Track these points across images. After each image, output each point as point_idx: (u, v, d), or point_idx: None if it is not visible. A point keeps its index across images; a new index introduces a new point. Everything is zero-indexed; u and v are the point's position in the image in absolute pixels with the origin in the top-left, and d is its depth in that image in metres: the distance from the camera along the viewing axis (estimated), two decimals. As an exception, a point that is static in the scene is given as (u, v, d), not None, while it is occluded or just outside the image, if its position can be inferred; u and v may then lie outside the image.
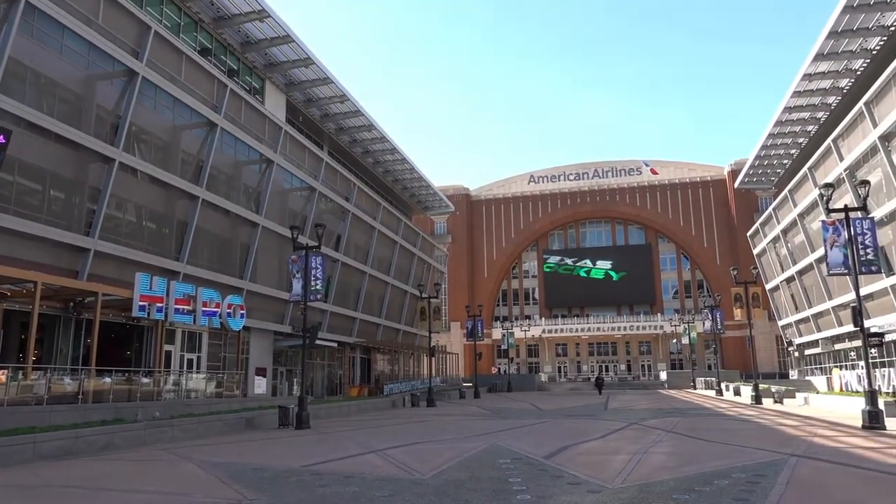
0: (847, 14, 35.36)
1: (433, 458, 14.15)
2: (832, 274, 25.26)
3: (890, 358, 40.83)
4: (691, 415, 27.63)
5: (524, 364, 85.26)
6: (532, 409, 34.47)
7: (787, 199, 53.72)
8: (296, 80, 40.76)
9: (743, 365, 68.42)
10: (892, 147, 35.96)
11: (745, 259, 68.46)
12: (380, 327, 51.06)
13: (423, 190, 64.02)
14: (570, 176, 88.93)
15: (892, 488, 10.04)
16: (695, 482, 10.48)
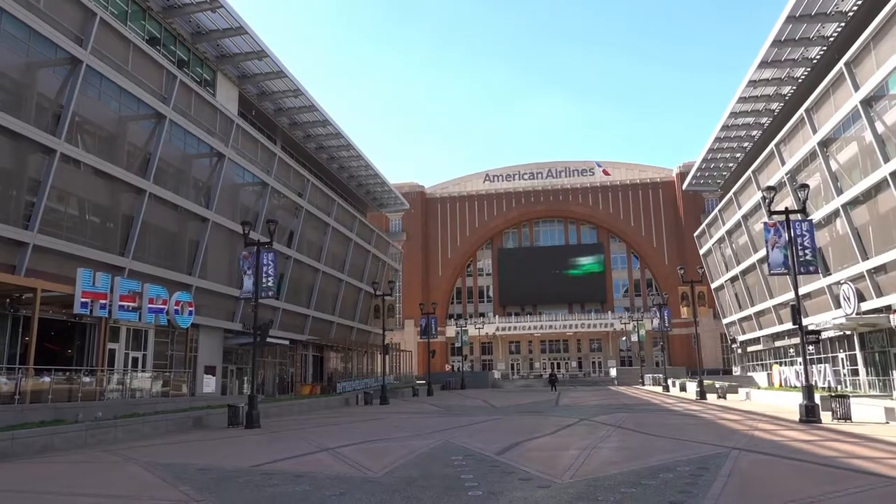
0: (790, 24, 36.70)
1: (385, 455, 14.12)
2: (773, 274, 26.25)
3: (826, 354, 42.66)
4: (639, 410, 28.29)
5: (478, 361, 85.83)
6: (485, 405, 34.72)
7: (732, 201, 55.49)
8: (249, 73, 40.00)
9: (689, 361, 70.35)
10: (829, 153, 37.52)
11: (692, 259, 70.42)
12: (333, 325, 50.61)
13: (379, 187, 63.71)
14: (524, 175, 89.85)
15: (825, 479, 10.50)
16: (641, 476, 10.75)
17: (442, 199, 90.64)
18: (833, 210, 37.33)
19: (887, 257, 32.57)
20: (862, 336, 38.16)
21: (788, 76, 43.43)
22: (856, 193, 34.87)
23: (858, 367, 38.54)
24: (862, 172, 34.32)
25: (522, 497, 9.26)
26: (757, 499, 8.89)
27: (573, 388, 60.33)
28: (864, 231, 35.06)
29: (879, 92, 31.69)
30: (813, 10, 35.39)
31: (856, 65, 33.30)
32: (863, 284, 35.17)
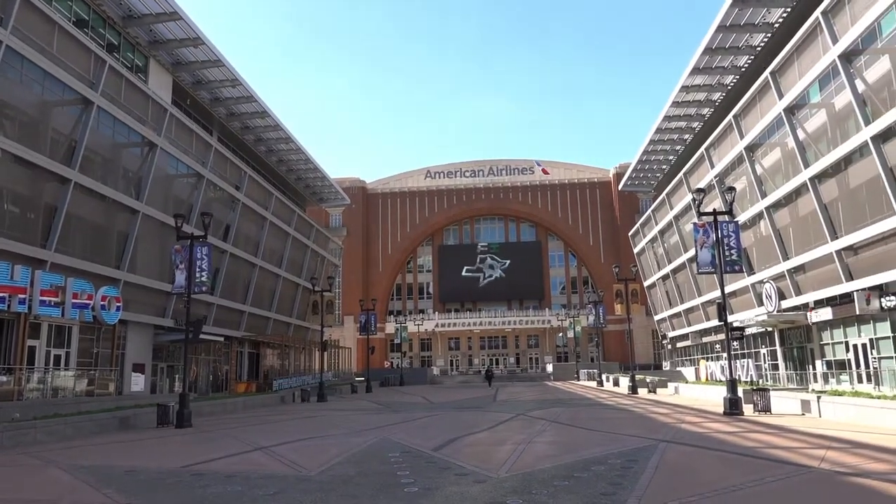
0: (721, 33, 38.21)
1: (321, 454, 13.95)
2: (701, 272, 27.30)
3: (749, 350, 44.74)
4: (573, 405, 28.93)
5: (417, 358, 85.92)
6: (423, 402, 34.79)
7: (665, 202, 57.43)
8: (184, 61, 38.65)
9: (622, 357, 72.48)
10: (755, 157, 39.31)
11: (626, 257, 72.54)
12: (270, 321, 49.64)
13: (319, 181, 62.77)
14: (465, 173, 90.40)
15: (747, 468, 11.00)
16: (574, 469, 10.99)
17: (383, 195, 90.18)
18: (757, 212, 39.14)
19: (806, 258, 34.39)
20: (782, 332, 40.20)
21: (719, 83, 45.21)
22: (778, 197, 36.66)
23: (778, 362, 40.59)
24: (784, 177, 36.11)
25: (458, 492, 9.32)
26: (682, 489, 9.23)
27: (511, 383, 61.15)
28: (786, 233, 36.92)
29: (801, 101, 33.39)
30: (742, 21, 36.94)
31: (780, 74, 34.98)
32: (783, 283, 37.04)
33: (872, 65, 28.02)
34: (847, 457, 11.67)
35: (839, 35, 28.90)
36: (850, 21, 28.19)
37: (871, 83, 27.97)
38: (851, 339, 32.35)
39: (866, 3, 26.99)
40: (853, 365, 31.99)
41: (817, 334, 35.64)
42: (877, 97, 27.58)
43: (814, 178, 32.38)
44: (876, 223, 27.89)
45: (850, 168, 30.07)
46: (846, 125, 29.91)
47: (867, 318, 30.45)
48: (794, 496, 8.88)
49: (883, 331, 29.80)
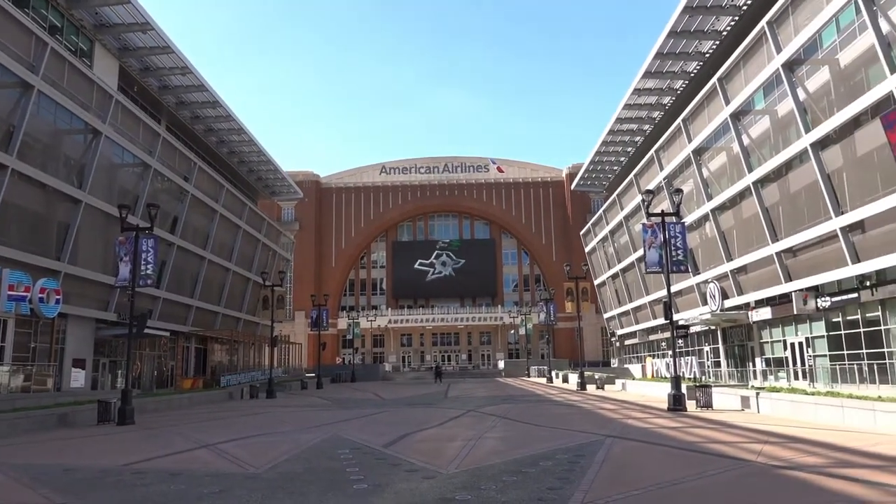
0: (672, 38, 39.18)
1: (269, 451, 13.75)
2: (649, 272, 28.00)
3: (693, 348, 46.09)
4: (523, 401, 29.29)
5: (369, 354, 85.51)
6: (374, 398, 34.66)
7: (616, 203, 58.59)
8: (131, 46, 37.41)
9: (572, 354, 73.62)
10: (702, 161, 40.47)
11: (577, 256, 73.73)
12: (218, 316, 48.59)
13: (271, 174, 61.71)
14: (420, 169, 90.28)
15: (688, 462, 11.35)
16: (522, 464, 11.13)
17: (337, 190, 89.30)
18: (703, 214, 40.31)
19: (748, 259, 35.61)
20: (725, 331, 41.55)
21: (669, 87, 46.36)
22: (723, 199, 37.84)
23: (721, 360, 41.95)
24: (729, 180, 37.30)
25: (408, 489, 9.32)
26: (627, 483, 9.45)
27: (462, 380, 61.49)
28: (729, 234, 38.15)
29: (747, 107, 34.53)
30: (692, 27, 37.96)
31: (727, 80, 36.08)
32: (727, 283, 38.26)
33: (813, 74, 29.19)
34: (782, 451, 12.15)
35: (783, 45, 29.99)
36: (793, 31, 29.28)
37: (811, 92, 29.13)
38: (789, 337, 33.68)
39: (808, 15, 28.09)
40: (790, 362, 33.32)
41: (757, 333, 36.98)
42: (816, 106, 28.74)
43: (757, 183, 33.54)
44: (813, 227, 29.09)
45: (791, 173, 31.27)
46: (788, 132, 31.08)
47: (804, 318, 31.76)
48: (731, 489, 9.20)
49: (818, 330, 31.14)
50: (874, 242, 25.72)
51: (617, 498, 8.37)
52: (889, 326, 26.53)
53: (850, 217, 26.57)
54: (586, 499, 8.30)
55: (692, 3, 35.25)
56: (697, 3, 35.39)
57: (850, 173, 26.98)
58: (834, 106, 27.29)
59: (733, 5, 35.63)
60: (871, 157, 25.47)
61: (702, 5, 35.58)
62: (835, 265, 27.95)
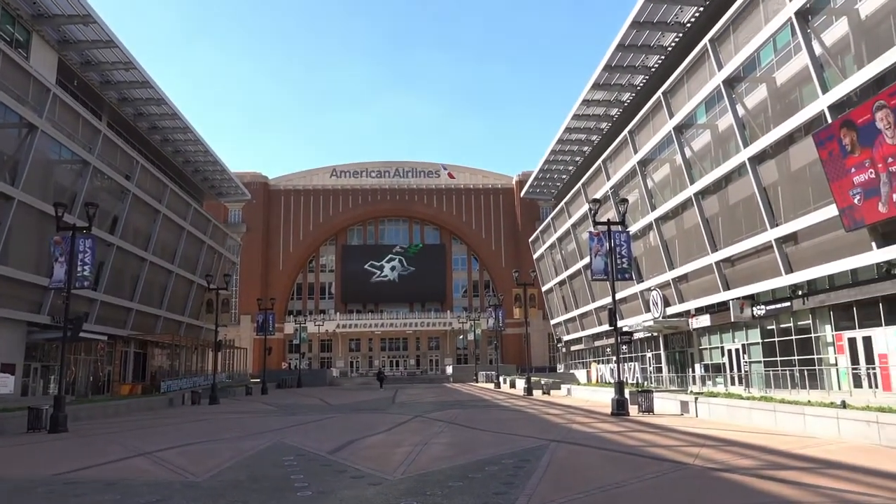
0: (620, 52, 40.20)
1: (210, 458, 13.42)
2: (595, 279, 28.58)
3: (636, 354, 47.24)
4: (470, 406, 29.43)
5: (316, 359, 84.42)
6: (321, 404, 34.23)
7: (564, 211, 59.63)
8: (72, 39, 36.02)
9: (520, 359, 74.43)
10: (647, 172, 41.62)
11: (526, 263, 74.59)
12: (160, 319, 47.12)
13: (218, 175, 60.31)
14: (371, 173, 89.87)
15: (630, 465, 11.63)
16: (468, 470, 11.19)
17: (286, 192, 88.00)
18: (647, 223, 41.43)
19: (688, 268, 36.77)
20: (666, 337, 42.75)
21: (616, 99, 47.53)
22: (666, 210, 38.99)
23: (662, 365, 43.11)
24: (672, 191, 38.46)
25: (353, 495, 9.26)
26: (570, 486, 9.62)
27: (410, 385, 61.33)
28: (672, 244, 39.32)
29: (689, 121, 35.71)
30: (639, 42, 39.03)
31: (671, 95, 37.24)
32: (669, 291, 39.40)
33: (752, 92, 30.45)
34: (718, 454, 12.58)
35: (724, 62, 31.17)
36: (734, 49, 30.47)
37: (750, 108, 30.36)
38: (726, 344, 34.91)
39: (748, 34, 29.29)
40: (727, 368, 34.52)
41: (697, 339, 38.19)
42: (754, 122, 29.97)
43: (698, 194, 34.70)
44: (750, 238, 30.28)
45: (730, 186, 32.48)
46: (727, 146, 32.30)
47: (740, 325, 32.99)
48: (670, 491, 9.47)
49: (753, 337, 32.39)
50: (806, 254, 26.96)
51: (561, 501, 8.52)
52: (819, 334, 27.82)
53: (784, 229, 27.77)
54: (531, 503, 8.41)
55: (640, 18, 36.26)
56: (645, 19, 36.44)
57: (785, 187, 28.22)
58: (770, 122, 28.52)
59: (678, 22, 36.84)
60: (804, 173, 26.71)
61: (648, 21, 36.65)
62: (769, 275, 29.15)
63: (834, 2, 24.69)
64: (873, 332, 24.60)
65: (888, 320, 23.83)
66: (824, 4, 25.02)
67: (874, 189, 21.78)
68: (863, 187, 22.25)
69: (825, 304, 26.87)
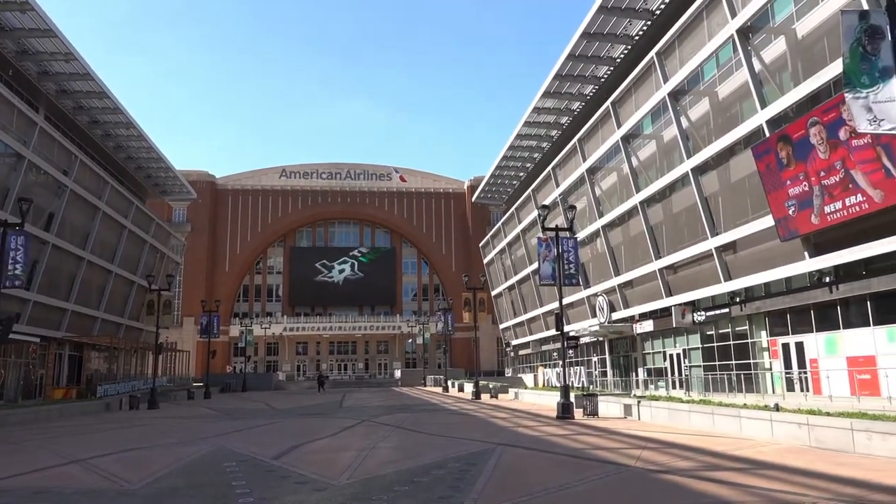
0: (570, 61, 40.95)
1: (147, 465, 12.98)
2: (543, 284, 29.00)
3: (582, 358, 48.06)
4: (418, 410, 29.37)
5: (262, 363, 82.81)
6: (266, 408, 33.58)
7: (514, 216, 60.29)
8: (7, 26, 34.41)
9: (468, 363, 74.72)
10: (595, 179, 42.48)
11: (476, 267, 75.10)
12: (97, 321, 45.41)
13: (163, 172, 58.54)
14: (322, 174, 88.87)
15: (573, 468, 11.79)
16: (415, 474, 11.15)
17: (234, 192, 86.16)
18: (595, 230, 42.27)
19: (633, 274, 37.67)
20: (611, 342, 43.66)
21: (567, 108, 48.38)
22: (613, 217, 39.87)
23: (607, 369, 44.00)
24: (619, 199, 39.36)
25: (296, 501, 9.10)
26: (515, 490, 9.69)
27: (358, 389, 60.83)
28: (618, 250, 40.21)
29: (636, 131, 36.63)
30: (590, 52, 39.85)
31: (619, 105, 38.14)
32: (614, 297, 40.26)
33: (695, 105, 31.46)
34: (659, 456, 12.89)
35: (669, 75, 32.12)
36: (679, 63, 31.44)
37: (693, 121, 31.37)
38: (668, 349, 35.89)
39: (693, 49, 30.27)
40: (669, 372, 35.49)
41: (640, 344, 39.13)
42: (697, 134, 30.97)
43: (643, 202, 35.62)
44: (692, 246, 31.25)
45: (674, 195, 33.46)
46: (672, 156, 33.27)
47: (682, 331, 33.97)
48: (612, 493, 9.66)
49: (694, 342, 33.40)
50: (744, 262, 27.98)
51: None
52: (755, 339, 28.90)
53: (723, 238, 28.77)
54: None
55: (590, 29, 37.03)
56: (595, 30, 37.23)
57: (725, 198, 29.25)
58: (712, 135, 29.53)
59: (627, 35, 37.78)
60: (743, 184, 27.74)
61: (599, 32, 37.46)
62: (710, 282, 30.13)
63: (773, 21, 25.75)
64: (805, 338, 25.71)
65: (819, 327, 24.95)
66: (764, 23, 26.08)
67: (808, 201, 22.80)
68: (797, 199, 23.26)
69: (761, 310, 27.94)
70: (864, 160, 20.37)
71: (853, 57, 9.13)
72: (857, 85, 9.07)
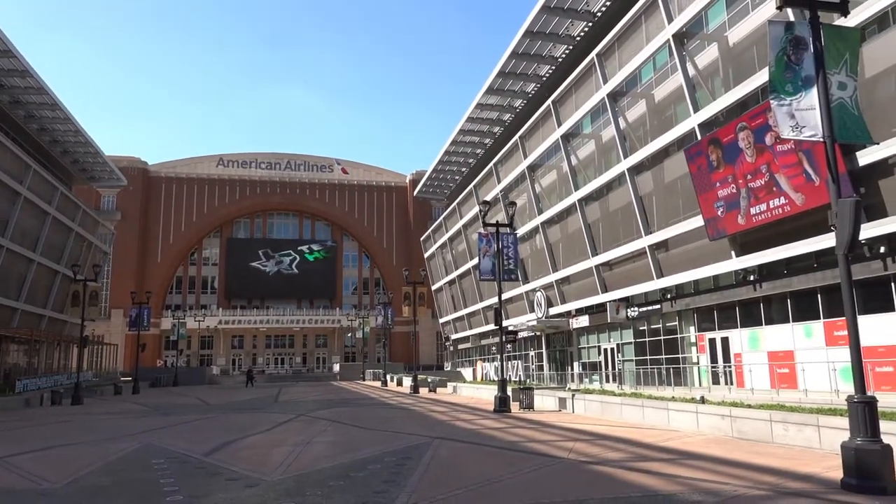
0: (513, 59, 41.37)
1: (70, 463, 12.41)
2: (482, 279, 29.23)
3: (520, 352, 48.81)
4: (356, 405, 29.18)
5: (196, 356, 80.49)
6: (198, 403, 32.67)
7: (456, 211, 60.55)
8: (-83, -3, 32.10)
9: (408, 358, 74.73)
10: (535, 177, 43.12)
11: (417, 261, 75.05)
12: (17, 312, 43.05)
13: (91, 157, 55.92)
14: (261, 164, 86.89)
15: (508, 460, 11.97)
16: (351, 468, 11.07)
17: (168, 180, 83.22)
18: (534, 227, 42.94)
19: (571, 270, 38.47)
20: (548, 336, 44.50)
21: (509, 105, 48.89)
22: (552, 214, 40.57)
23: (544, 363, 44.84)
24: (558, 196, 40.08)
25: (227, 498, 8.89)
26: (450, 483, 9.76)
27: (295, 383, 59.93)
28: (556, 247, 40.98)
29: (576, 130, 37.36)
30: (532, 51, 40.37)
31: (560, 104, 38.80)
32: (552, 293, 41.02)
33: (633, 106, 32.33)
34: (591, 448, 13.24)
35: (609, 76, 32.89)
36: (617, 65, 32.23)
37: (630, 122, 32.23)
38: (603, 343, 36.87)
39: (631, 52, 31.08)
40: (603, 366, 36.47)
41: (576, 339, 40.04)
42: (634, 135, 31.85)
43: (581, 200, 36.40)
44: (627, 244, 32.16)
45: (611, 194, 34.33)
46: (610, 156, 34.12)
47: (616, 326, 34.95)
48: (544, 484, 9.85)
49: (627, 337, 34.42)
50: (675, 260, 29.00)
51: (440, 498, 8.62)
52: (684, 335, 30.02)
53: (656, 236, 29.72)
54: (411, 500, 8.45)
55: (533, 27, 37.50)
56: (538, 29, 37.72)
57: (659, 198, 30.21)
58: (648, 136, 30.43)
59: (569, 35, 38.44)
60: (675, 185, 28.71)
61: (541, 31, 37.98)
62: (643, 279, 31.10)
63: (707, 28, 26.72)
64: (730, 333, 26.88)
65: (743, 322, 26.14)
66: (699, 29, 27.03)
67: (735, 202, 23.81)
68: (725, 201, 24.25)
69: (690, 307, 29.04)
70: (788, 165, 21.42)
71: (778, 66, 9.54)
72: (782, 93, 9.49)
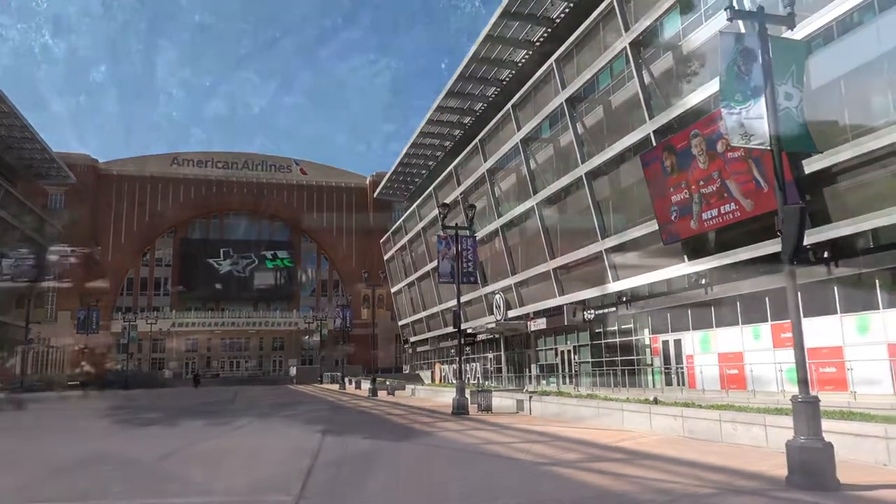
0: (474, 63, 41.60)
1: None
2: (442, 282, 29.31)
3: (479, 355, 49.00)
4: (313, 409, 28.81)
5: (147, 360, 78.36)
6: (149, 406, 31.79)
7: (415, 214, 60.47)
8: None
9: (367, 360, 74.15)
10: (495, 180, 43.38)
11: (377, 263, 74.63)
12: (-45, 314, 41.25)
13: (37, 154, 54.09)
14: (218, 164, 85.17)
15: (466, 463, 11.98)
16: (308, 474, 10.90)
17: (119, 178, 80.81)
18: (493, 230, 43.18)
19: (529, 273, 38.83)
20: (507, 339, 44.79)
21: (470, 108, 49.11)
22: (511, 217, 40.88)
23: (502, 366, 45.11)
24: (517, 200, 40.41)
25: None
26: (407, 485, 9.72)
27: (251, 387, 58.89)
28: (515, 250, 41.30)
29: (535, 134, 37.73)
30: (492, 55, 40.65)
31: (520, 108, 39.14)
32: (511, 295, 41.33)
33: (591, 111, 32.83)
34: (548, 449, 13.35)
35: (567, 82, 33.33)
36: (576, 71, 32.69)
37: (588, 127, 32.72)
38: (560, 346, 37.29)
39: (589, 58, 31.57)
40: (560, 368, 36.89)
41: (534, 341, 40.41)
42: (592, 140, 32.34)
43: (539, 204, 36.78)
44: (584, 247, 32.62)
45: (569, 198, 34.78)
46: (568, 161, 34.55)
47: (573, 329, 35.41)
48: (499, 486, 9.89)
49: (584, 339, 34.90)
50: (630, 264, 29.54)
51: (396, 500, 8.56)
52: (638, 337, 30.60)
53: (613, 240, 30.23)
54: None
55: (494, 32, 37.76)
56: (498, 34, 38.00)
57: (615, 202, 30.75)
58: (605, 141, 30.94)
59: (528, 40, 38.83)
60: (631, 190, 29.26)
61: (502, 36, 38.27)
62: (599, 282, 31.58)
63: (662, 36, 27.33)
64: (683, 336, 27.52)
65: (695, 325, 26.78)
66: (654, 38, 27.62)
67: (688, 208, 24.39)
68: (679, 206, 24.83)
69: (645, 309, 29.63)
70: (738, 171, 22.05)
71: (729, 75, 9.81)
72: (732, 101, 9.76)
